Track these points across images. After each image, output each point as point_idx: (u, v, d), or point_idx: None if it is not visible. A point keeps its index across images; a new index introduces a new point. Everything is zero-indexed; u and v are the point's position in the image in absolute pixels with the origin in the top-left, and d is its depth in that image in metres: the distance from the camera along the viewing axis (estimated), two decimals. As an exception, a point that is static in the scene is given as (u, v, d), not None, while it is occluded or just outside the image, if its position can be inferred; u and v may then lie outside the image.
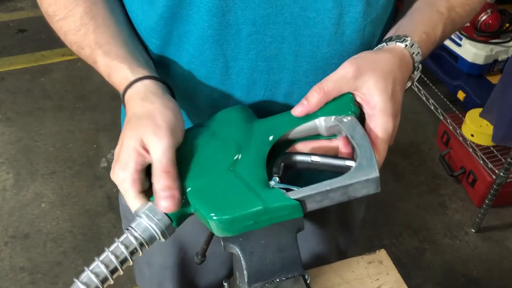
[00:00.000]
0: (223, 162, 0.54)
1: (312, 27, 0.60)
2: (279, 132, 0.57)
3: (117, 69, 0.58)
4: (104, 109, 2.54)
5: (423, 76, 2.43)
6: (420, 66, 0.63)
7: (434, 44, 0.66)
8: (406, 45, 0.60)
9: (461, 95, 2.29)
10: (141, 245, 0.51)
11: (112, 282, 0.50)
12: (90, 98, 2.62)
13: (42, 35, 2.98)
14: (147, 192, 0.53)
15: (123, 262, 0.50)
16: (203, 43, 0.60)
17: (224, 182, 0.53)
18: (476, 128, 2.04)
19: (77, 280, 0.48)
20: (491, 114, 1.89)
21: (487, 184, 1.98)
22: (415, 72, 0.63)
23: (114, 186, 0.96)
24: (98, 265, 0.49)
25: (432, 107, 2.31)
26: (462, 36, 2.21)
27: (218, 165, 0.54)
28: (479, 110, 2.02)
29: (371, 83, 0.56)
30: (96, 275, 0.49)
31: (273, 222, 0.52)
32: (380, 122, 0.55)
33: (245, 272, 0.62)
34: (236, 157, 0.54)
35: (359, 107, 0.57)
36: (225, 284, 0.70)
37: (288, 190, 0.52)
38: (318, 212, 0.55)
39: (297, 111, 0.56)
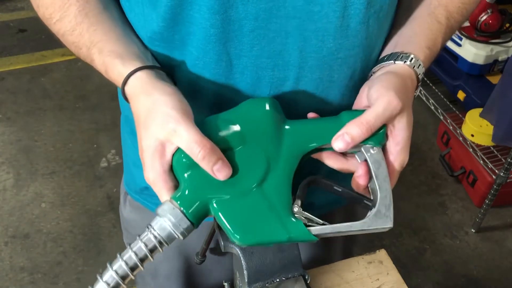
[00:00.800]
0: (251, 177, 0.54)
1: (316, 21, 0.59)
2: (309, 147, 0.57)
3: (112, 65, 0.58)
4: (104, 109, 2.54)
5: (423, 76, 2.42)
6: (420, 84, 0.64)
7: (435, 57, 0.66)
8: (414, 66, 0.61)
9: (461, 95, 2.29)
10: (161, 244, 0.53)
11: (133, 277, 0.53)
12: (90, 98, 2.62)
13: (42, 35, 2.98)
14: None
15: (143, 259, 0.53)
16: (206, 43, 0.60)
17: (251, 200, 0.53)
18: (476, 128, 2.04)
19: (99, 277, 0.52)
20: (491, 114, 1.90)
21: (487, 184, 1.99)
22: (416, 90, 0.63)
23: (114, 186, 0.96)
24: (119, 263, 0.52)
25: (432, 107, 2.31)
26: (462, 36, 2.21)
27: (246, 179, 0.54)
28: (479, 110, 2.02)
29: (405, 120, 0.57)
30: (117, 272, 0.52)
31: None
32: (400, 158, 0.58)
33: (245, 272, 0.62)
34: (265, 172, 0.54)
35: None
36: (225, 284, 0.70)
37: (309, 220, 0.54)
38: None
39: (338, 147, 0.55)
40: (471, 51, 2.17)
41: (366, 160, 0.56)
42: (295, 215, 0.54)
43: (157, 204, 0.85)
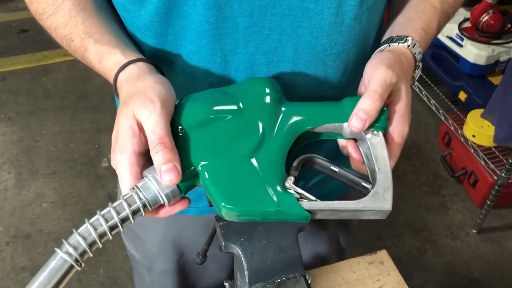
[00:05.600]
0: (244, 146, 0.53)
1: (311, 18, 0.59)
2: (307, 126, 0.56)
3: (109, 54, 0.58)
4: (105, 109, 2.54)
5: (424, 76, 2.42)
6: (420, 64, 0.64)
7: (431, 40, 0.67)
8: (409, 46, 0.61)
9: (462, 95, 2.29)
10: (145, 206, 0.50)
11: (110, 237, 0.50)
12: (92, 98, 2.62)
13: (44, 35, 2.97)
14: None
15: (124, 220, 0.50)
16: (200, 38, 0.60)
17: (242, 169, 0.52)
18: (478, 129, 2.04)
19: (74, 230, 0.49)
20: (493, 115, 1.89)
21: (488, 185, 1.98)
22: (416, 71, 0.63)
23: (116, 186, 0.96)
24: (98, 219, 0.49)
25: (434, 108, 2.31)
26: (463, 37, 2.20)
27: (239, 148, 0.53)
28: (481, 110, 2.02)
29: (402, 91, 0.57)
30: (95, 228, 0.49)
31: (278, 220, 0.52)
32: (399, 128, 0.57)
33: (246, 272, 0.62)
34: (258, 143, 0.53)
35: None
36: (226, 284, 0.70)
37: (301, 196, 0.52)
38: None
39: (356, 127, 0.54)
40: (472, 52, 2.17)
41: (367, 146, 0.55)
42: (287, 189, 0.52)
43: None
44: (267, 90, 0.56)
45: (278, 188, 0.51)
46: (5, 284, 1.79)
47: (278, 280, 0.63)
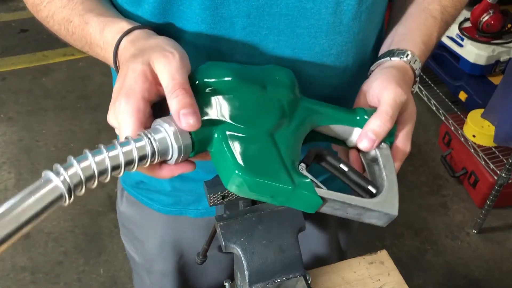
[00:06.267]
0: (265, 121, 0.51)
1: (309, 18, 0.59)
2: (322, 122, 0.56)
3: (113, 22, 0.55)
4: (105, 109, 2.50)
5: (424, 76, 2.42)
6: (418, 79, 0.64)
7: (431, 51, 0.67)
8: (410, 61, 0.61)
9: (462, 95, 2.29)
10: (153, 155, 0.45)
11: (108, 179, 0.45)
12: (92, 98, 2.62)
13: (44, 35, 2.99)
14: None
15: (128, 163, 0.45)
16: (197, 38, 0.59)
17: (260, 142, 0.50)
18: (478, 129, 2.04)
19: (72, 158, 0.42)
20: (493, 115, 1.89)
21: (488, 185, 1.98)
22: (414, 86, 0.63)
23: (116, 186, 0.95)
24: (102, 153, 0.43)
25: (434, 108, 2.31)
26: (464, 37, 2.20)
27: (259, 121, 0.51)
28: (481, 110, 2.02)
29: (409, 109, 0.58)
30: (96, 162, 0.43)
31: (285, 205, 0.50)
32: (402, 145, 0.58)
33: (246, 272, 0.62)
34: (279, 123, 0.52)
35: None
36: (226, 284, 0.70)
37: (314, 183, 0.51)
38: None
39: (365, 146, 0.55)
40: (472, 52, 2.17)
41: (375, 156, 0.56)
42: (302, 173, 0.51)
43: (153, 199, 0.85)
44: (290, 79, 0.56)
45: (294, 167, 0.50)
46: (6, 283, 1.79)
47: (278, 280, 0.63)
